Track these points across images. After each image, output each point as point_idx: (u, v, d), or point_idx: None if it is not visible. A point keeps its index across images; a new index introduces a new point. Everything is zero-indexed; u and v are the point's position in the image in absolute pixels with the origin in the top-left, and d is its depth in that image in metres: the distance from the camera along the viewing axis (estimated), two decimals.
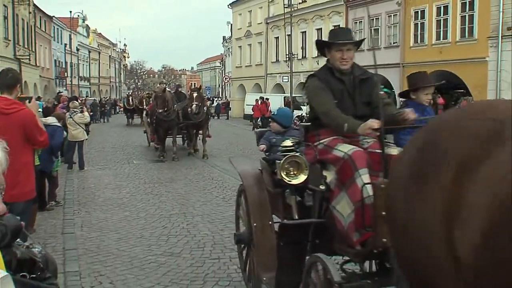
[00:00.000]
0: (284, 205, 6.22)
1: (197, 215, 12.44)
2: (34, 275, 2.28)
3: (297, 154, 5.86)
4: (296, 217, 5.92)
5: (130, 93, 58.53)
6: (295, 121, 37.74)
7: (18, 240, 2.45)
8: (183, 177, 18.11)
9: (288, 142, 6.10)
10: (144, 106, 44.91)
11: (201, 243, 10.11)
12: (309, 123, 6.60)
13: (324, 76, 6.35)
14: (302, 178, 5.71)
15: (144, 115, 32.11)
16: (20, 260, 2.30)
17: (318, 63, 51.16)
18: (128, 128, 45.26)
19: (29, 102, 7.92)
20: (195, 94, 23.17)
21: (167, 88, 25.52)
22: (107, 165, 21.26)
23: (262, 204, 6.52)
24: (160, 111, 22.60)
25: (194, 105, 22.61)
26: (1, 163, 1.86)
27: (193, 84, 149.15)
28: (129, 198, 14.66)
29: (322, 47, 6.60)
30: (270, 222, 6.44)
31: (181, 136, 26.48)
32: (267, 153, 7.01)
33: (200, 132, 24.62)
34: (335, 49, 6.28)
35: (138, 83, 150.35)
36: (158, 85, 27.38)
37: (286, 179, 5.72)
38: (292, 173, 5.75)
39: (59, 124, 13.36)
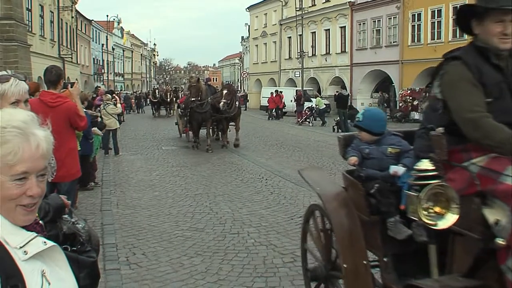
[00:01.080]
0: (383, 238, 4.46)
1: (219, 195, 12.48)
2: (74, 248, 2.32)
3: (442, 183, 3.51)
4: (436, 275, 3.84)
5: (156, 87, 57.53)
6: (306, 111, 38.00)
7: (66, 216, 2.49)
8: (206, 161, 18.13)
9: (427, 164, 3.60)
10: (169, 99, 44.49)
11: (222, 219, 10.15)
12: (443, 131, 3.87)
13: (474, 60, 3.71)
14: (451, 219, 3.46)
15: (176, 107, 29.41)
16: (66, 234, 2.34)
17: (326, 60, 51.22)
18: (157, 118, 44.72)
19: (72, 87, 8.00)
20: (224, 91, 21.28)
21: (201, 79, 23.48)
22: (139, 151, 21.33)
23: (354, 237, 4.51)
24: (193, 99, 20.26)
25: (222, 103, 20.60)
26: (46, 152, 1.90)
27: (214, 79, 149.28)
28: (159, 180, 14.72)
29: (466, 17, 3.88)
30: (365, 262, 4.45)
31: (211, 128, 24.08)
32: (357, 166, 4.95)
33: (232, 124, 22.58)
34: (493, 20, 3.65)
35: (166, 78, 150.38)
36: (190, 77, 25.32)
37: (429, 222, 3.49)
38: (431, 210, 3.52)
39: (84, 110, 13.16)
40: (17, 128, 1.85)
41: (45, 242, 1.87)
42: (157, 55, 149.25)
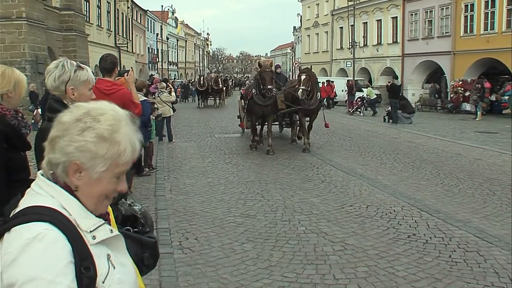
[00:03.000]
0: None
1: (270, 182, 12.46)
2: (136, 229, 2.37)
3: None
4: None
5: (202, 74, 53.50)
6: (357, 100, 37.69)
7: (121, 199, 2.53)
8: (257, 149, 18.08)
9: None
10: (220, 86, 42.08)
11: (273, 207, 10.14)
12: None
13: None
14: None
15: (238, 99, 24.53)
16: (124, 216, 2.37)
17: (377, 51, 50.72)
18: (206, 108, 42.47)
19: (127, 75, 8.07)
20: (303, 77, 17.11)
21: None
22: (192, 138, 21.44)
23: None
24: (269, 87, 16.27)
25: (300, 90, 16.67)
26: (138, 153, 1.98)
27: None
28: (211, 166, 14.78)
29: None
30: None
31: (277, 123, 21.19)
32: None
33: (307, 119, 18.22)
34: None
35: (219, 67, 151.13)
36: (260, 61, 20.70)
37: None
38: None
39: (144, 98, 13.17)
40: (127, 129, 1.93)
41: (111, 230, 1.93)
42: (210, 45, 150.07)
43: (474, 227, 8.79)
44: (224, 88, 45.44)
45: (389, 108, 30.32)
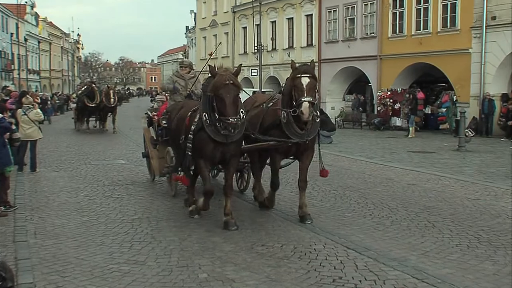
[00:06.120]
0: None
1: (162, 220, 12.43)
2: None
3: None
4: None
5: (90, 83, 43.68)
6: None
7: None
8: (145, 179, 18.00)
9: None
10: (113, 102, 36.79)
11: (167, 249, 10.08)
12: None
13: None
14: None
15: (144, 126, 18.75)
16: None
17: (289, 55, 51.49)
18: (81, 130, 38.55)
19: None
20: (306, 81, 11.63)
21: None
22: (61, 166, 21.08)
23: None
24: (233, 120, 10.75)
25: (307, 105, 11.32)
26: None
27: (153, 78, 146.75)
28: (87, 202, 14.56)
29: None
30: None
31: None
32: None
33: (290, 159, 14.27)
34: None
35: (93, 77, 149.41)
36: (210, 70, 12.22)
37: None
38: None
39: None
40: None
41: None
42: (82, 49, 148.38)
43: (411, 267, 9.04)
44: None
45: None
